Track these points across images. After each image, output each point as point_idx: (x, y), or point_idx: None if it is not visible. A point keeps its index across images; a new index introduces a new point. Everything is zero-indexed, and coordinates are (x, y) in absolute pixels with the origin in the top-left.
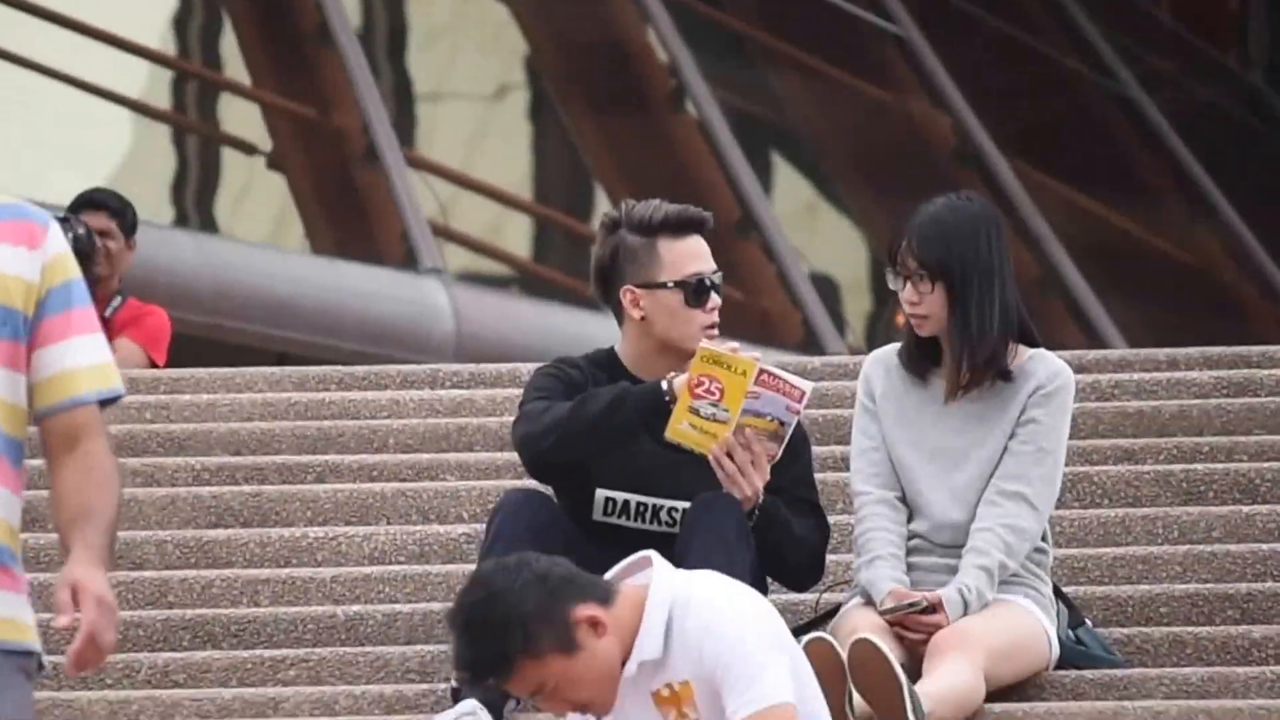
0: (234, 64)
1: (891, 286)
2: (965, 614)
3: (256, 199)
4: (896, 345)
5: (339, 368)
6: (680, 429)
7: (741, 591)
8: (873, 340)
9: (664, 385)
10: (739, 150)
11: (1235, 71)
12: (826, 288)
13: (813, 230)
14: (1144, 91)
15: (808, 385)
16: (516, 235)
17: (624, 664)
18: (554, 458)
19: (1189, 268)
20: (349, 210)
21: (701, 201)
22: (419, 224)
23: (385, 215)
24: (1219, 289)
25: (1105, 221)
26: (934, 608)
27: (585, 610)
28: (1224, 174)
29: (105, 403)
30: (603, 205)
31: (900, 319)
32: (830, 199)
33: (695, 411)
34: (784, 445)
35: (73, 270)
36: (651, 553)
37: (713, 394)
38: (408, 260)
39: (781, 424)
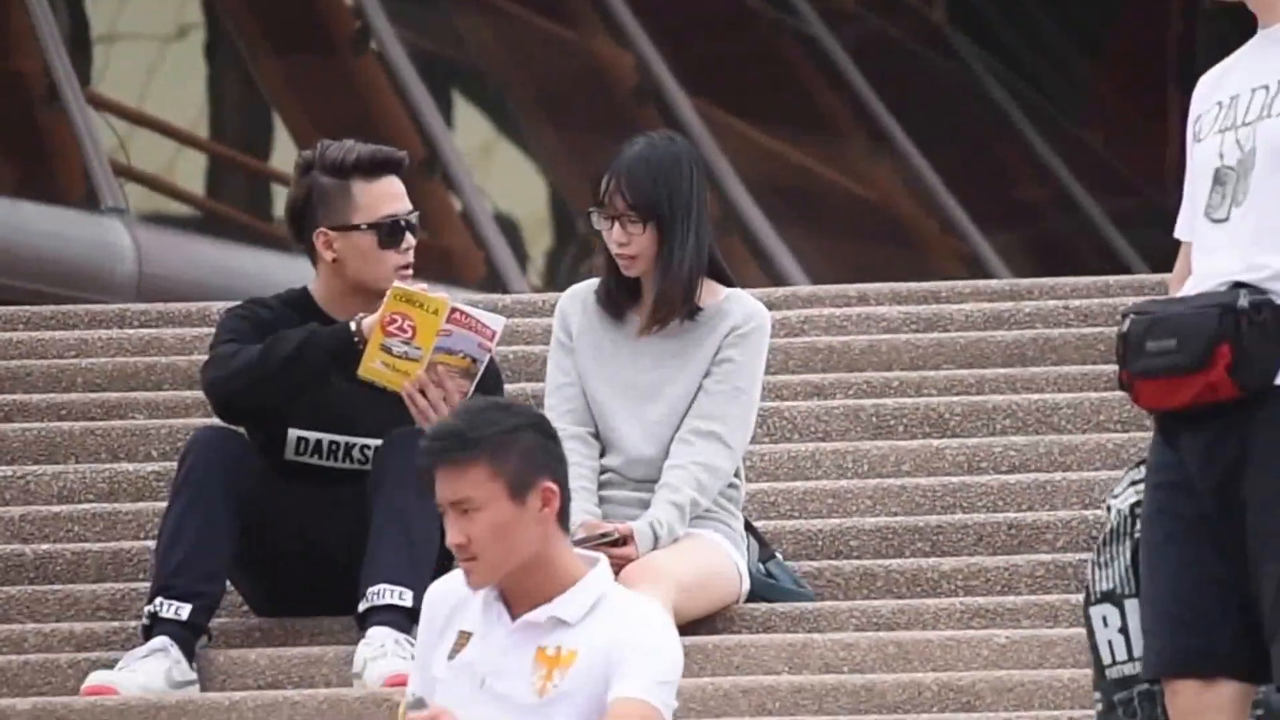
0: None
1: (596, 227)
2: (656, 548)
3: None
4: (592, 282)
5: (26, 307)
6: (373, 367)
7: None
8: (553, 278)
9: (353, 326)
10: (424, 89)
11: (917, 7)
12: (508, 226)
13: (495, 169)
14: (825, 27)
15: (499, 323)
16: (200, 176)
17: (512, 608)
18: (244, 402)
19: (870, 204)
20: (30, 151)
21: (387, 141)
22: (100, 164)
23: (67, 155)
24: (900, 224)
25: (786, 159)
26: (625, 540)
27: (554, 486)
28: (905, 110)
29: None
30: (286, 146)
31: (597, 261)
32: (513, 138)
33: (387, 350)
34: (476, 381)
35: None
36: (601, 556)
37: (405, 332)
38: (89, 200)
39: (474, 361)
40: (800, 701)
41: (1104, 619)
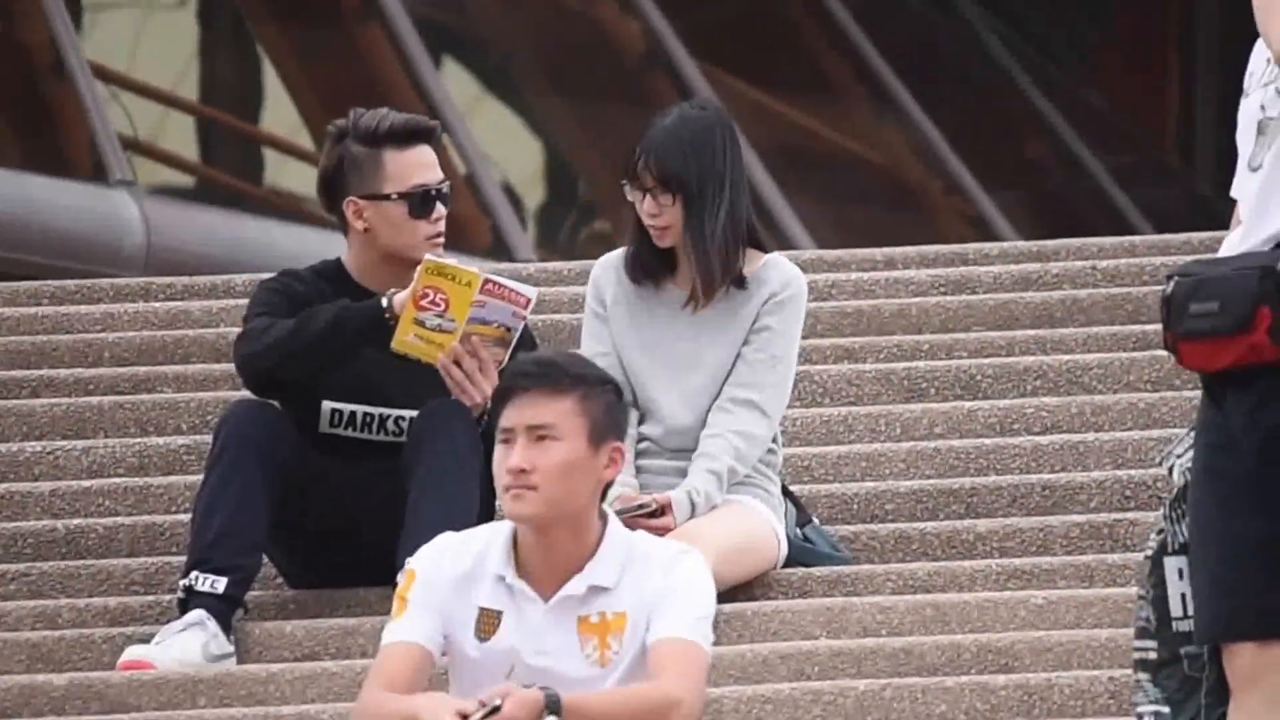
0: None
1: (629, 199)
2: (693, 516)
3: None
4: (625, 250)
5: (50, 282)
6: (406, 340)
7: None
8: (557, 246)
9: (384, 302)
10: (427, 57)
11: None
12: (512, 194)
13: (499, 137)
14: None
15: (533, 291)
16: (204, 146)
17: (534, 580)
18: (277, 377)
19: (875, 165)
20: (37, 124)
21: (392, 109)
22: (108, 137)
23: (74, 129)
24: (905, 186)
25: (791, 121)
26: (662, 510)
27: (623, 450)
28: (909, 71)
29: None
30: (290, 114)
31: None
32: (517, 106)
33: (421, 323)
34: (511, 349)
35: None
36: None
37: (438, 305)
38: (97, 173)
39: (508, 329)
40: (839, 665)
41: (1179, 571)
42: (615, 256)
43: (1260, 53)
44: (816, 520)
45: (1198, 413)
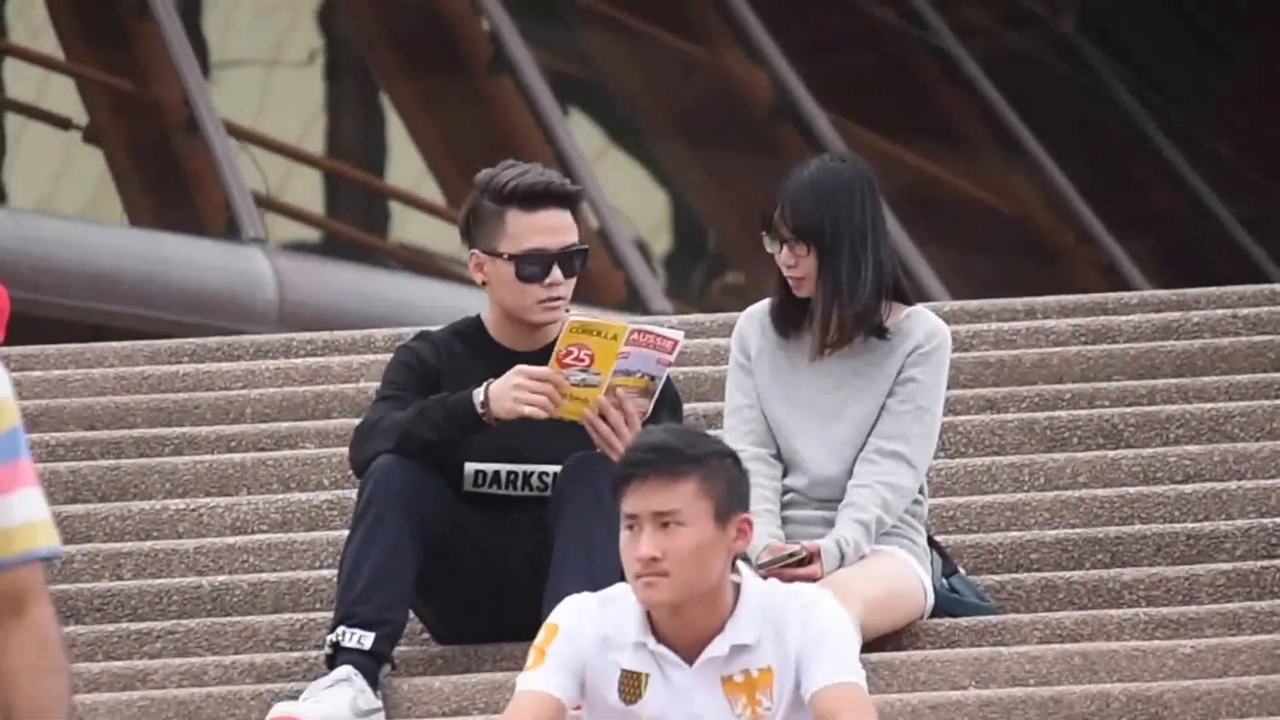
0: (46, 37)
1: (768, 249)
2: (841, 566)
3: (74, 173)
4: (769, 301)
5: (191, 340)
6: None
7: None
8: (689, 297)
9: (478, 406)
10: (558, 110)
11: (1046, 19)
12: (643, 246)
13: (630, 189)
14: (957, 40)
15: (679, 334)
16: (335, 202)
17: (675, 645)
18: None
19: (1006, 216)
20: (170, 182)
21: (540, 166)
22: (241, 194)
23: (207, 186)
24: (1037, 236)
25: (921, 171)
26: (811, 558)
27: (750, 520)
28: (1038, 121)
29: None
30: (418, 170)
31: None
32: (646, 158)
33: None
34: (654, 400)
35: (15, 417)
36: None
37: (582, 361)
38: (230, 230)
39: (652, 379)
40: (988, 715)
41: None
42: (760, 308)
43: None
44: (962, 570)
45: None
